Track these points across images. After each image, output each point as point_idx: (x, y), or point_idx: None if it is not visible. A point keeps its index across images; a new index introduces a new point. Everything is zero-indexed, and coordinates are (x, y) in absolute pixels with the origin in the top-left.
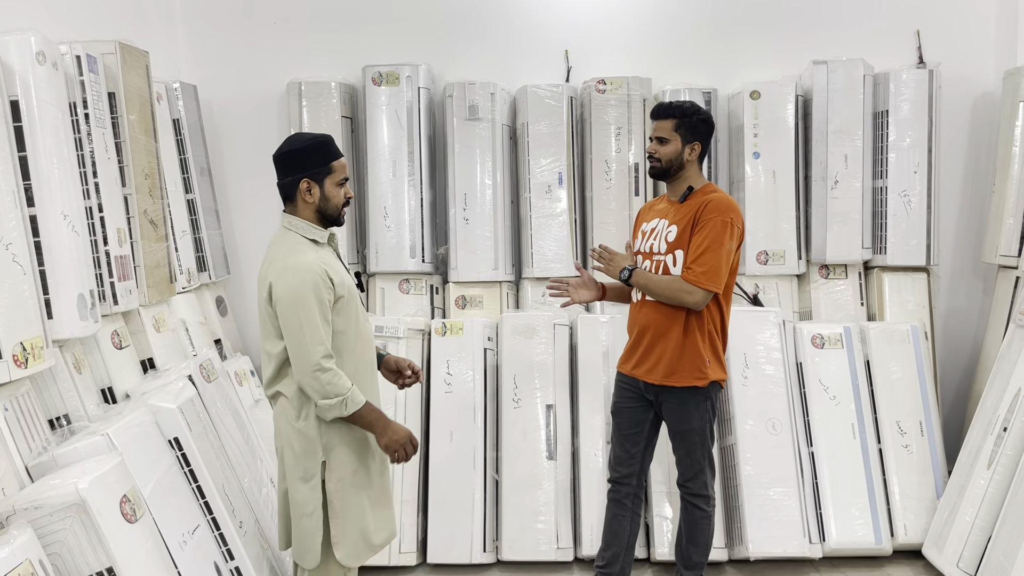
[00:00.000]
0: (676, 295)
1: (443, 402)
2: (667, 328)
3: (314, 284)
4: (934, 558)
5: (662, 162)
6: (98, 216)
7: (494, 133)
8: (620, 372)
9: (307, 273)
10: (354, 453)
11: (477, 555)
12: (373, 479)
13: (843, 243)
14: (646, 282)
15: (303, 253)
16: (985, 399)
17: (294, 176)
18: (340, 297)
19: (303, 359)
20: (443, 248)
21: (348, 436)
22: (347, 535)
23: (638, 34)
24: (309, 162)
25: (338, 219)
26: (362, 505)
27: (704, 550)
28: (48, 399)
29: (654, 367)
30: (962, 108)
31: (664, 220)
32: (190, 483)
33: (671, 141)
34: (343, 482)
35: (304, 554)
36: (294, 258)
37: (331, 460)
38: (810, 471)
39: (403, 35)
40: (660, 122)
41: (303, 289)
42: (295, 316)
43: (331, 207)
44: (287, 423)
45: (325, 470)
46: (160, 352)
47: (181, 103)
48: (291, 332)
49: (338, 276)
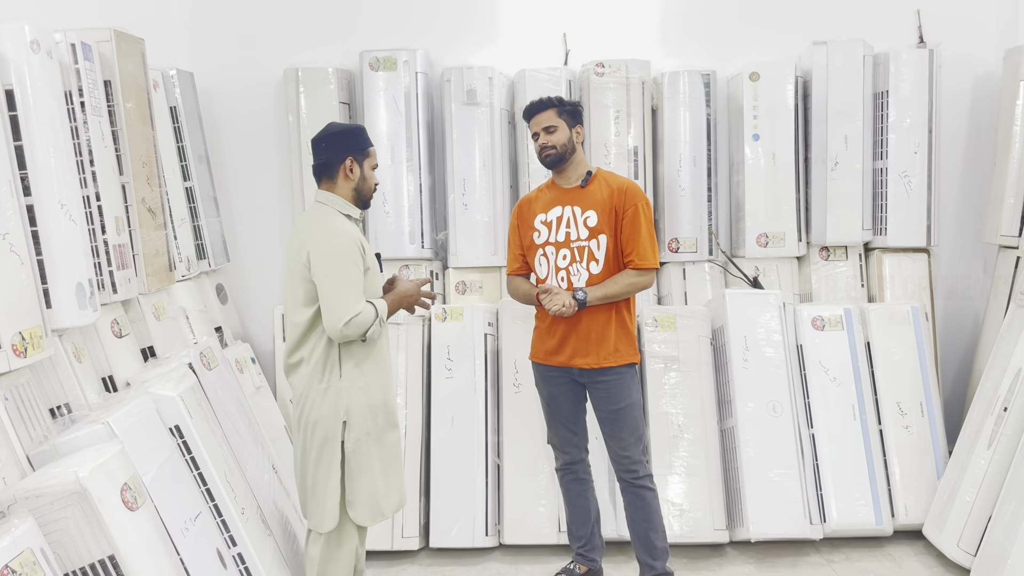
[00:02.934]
0: (635, 286)
1: (444, 387)
2: (601, 318)
3: (352, 249)
4: (935, 538)
5: (557, 148)
6: (96, 205)
7: (492, 118)
8: (547, 365)
9: (348, 239)
10: (371, 414)
11: (479, 539)
12: (386, 443)
13: (843, 225)
14: (603, 293)
15: (342, 223)
16: (985, 379)
17: (340, 155)
18: (368, 268)
19: (338, 315)
20: (442, 234)
21: (366, 399)
22: (360, 494)
23: (636, 17)
24: (354, 143)
25: (368, 202)
26: (373, 467)
27: (664, 532)
28: (48, 388)
29: (591, 353)
30: (962, 88)
31: (571, 207)
32: (192, 470)
33: (558, 128)
34: (359, 442)
35: (322, 518)
36: (335, 226)
37: (351, 420)
38: (811, 453)
39: (400, 20)
40: (540, 115)
41: (344, 253)
42: (333, 278)
43: (366, 188)
44: (309, 387)
45: (345, 430)
46: (160, 340)
47: (178, 90)
48: (328, 292)
49: (368, 251)
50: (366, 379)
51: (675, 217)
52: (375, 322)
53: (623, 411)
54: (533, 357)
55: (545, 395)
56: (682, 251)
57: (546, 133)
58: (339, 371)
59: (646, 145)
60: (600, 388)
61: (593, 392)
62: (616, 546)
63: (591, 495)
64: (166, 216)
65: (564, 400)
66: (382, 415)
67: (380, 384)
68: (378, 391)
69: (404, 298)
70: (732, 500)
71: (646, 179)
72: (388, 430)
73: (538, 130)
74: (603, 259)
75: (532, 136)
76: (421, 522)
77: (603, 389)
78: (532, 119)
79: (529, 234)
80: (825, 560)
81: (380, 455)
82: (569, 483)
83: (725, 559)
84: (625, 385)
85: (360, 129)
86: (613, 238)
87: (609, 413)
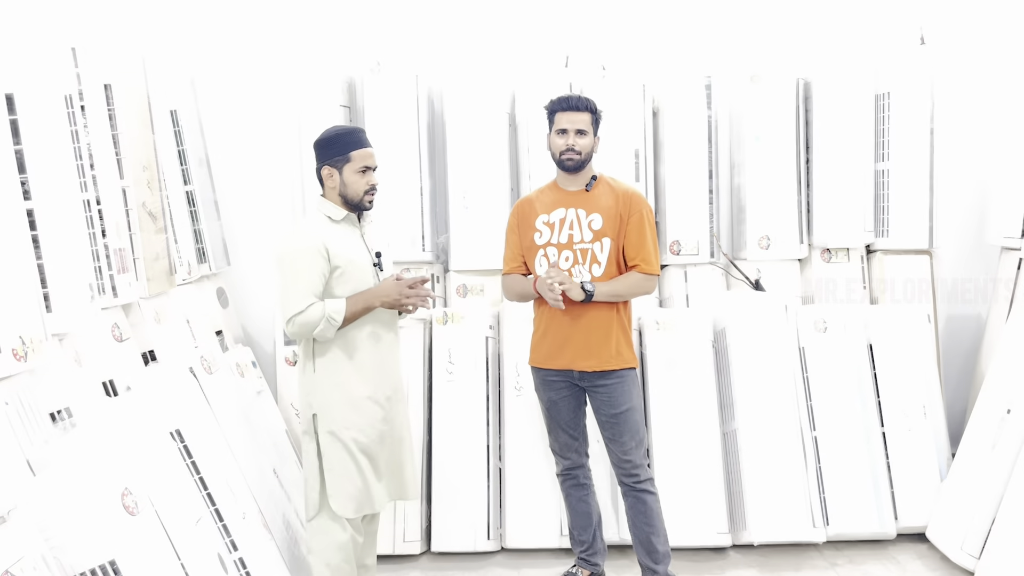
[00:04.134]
0: (640, 289)
1: (445, 391)
2: (603, 318)
3: (307, 248)
4: (938, 541)
5: (582, 155)
6: (96, 209)
7: (493, 120)
8: (547, 369)
9: (304, 238)
10: (346, 411)
11: (481, 543)
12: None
13: (845, 226)
14: (610, 290)
15: (309, 224)
16: (988, 381)
17: (318, 163)
18: (336, 267)
19: (283, 312)
20: (443, 237)
21: (341, 395)
22: (336, 486)
23: (638, 18)
24: (330, 151)
25: (361, 204)
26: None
27: (666, 536)
28: (49, 392)
29: (593, 356)
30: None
31: (575, 209)
32: (192, 475)
33: (588, 134)
34: (332, 435)
35: (307, 505)
36: (300, 227)
37: (320, 414)
38: (813, 456)
39: (401, 23)
40: (579, 115)
41: (296, 252)
42: (282, 274)
43: (351, 192)
44: (299, 377)
45: (316, 422)
46: (161, 344)
47: (178, 94)
48: (278, 288)
49: (338, 248)
50: (343, 375)
51: (676, 219)
52: (322, 321)
53: (624, 415)
54: (533, 362)
55: (545, 400)
56: (683, 253)
57: (578, 135)
58: (312, 364)
59: (647, 147)
60: (601, 392)
61: (593, 396)
62: (618, 550)
63: (592, 499)
64: (167, 220)
65: (564, 405)
66: (364, 413)
67: (363, 381)
68: (360, 388)
69: (378, 297)
70: (734, 503)
71: (647, 181)
72: (374, 427)
73: (569, 128)
74: (605, 262)
75: (558, 131)
76: (423, 526)
77: (604, 393)
78: (565, 114)
79: (529, 235)
80: (828, 563)
81: (362, 451)
82: (570, 488)
83: (728, 563)
84: (626, 388)
85: (340, 134)
86: (616, 242)
87: (610, 417)
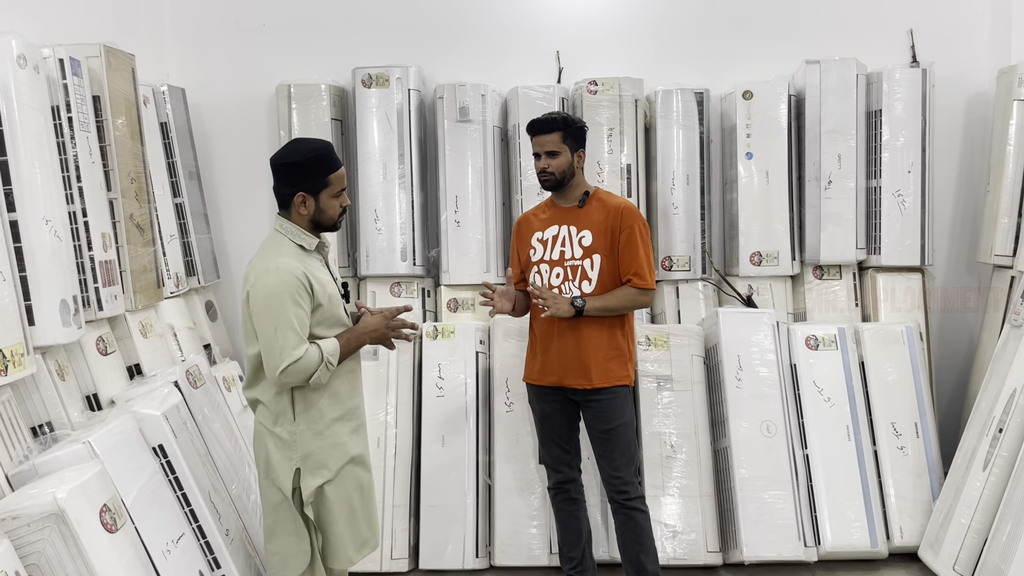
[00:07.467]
0: (634, 303)
1: (435, 406)
2: (595, 335)
3: (292, 288)
4: (930, 561)
5: (556, 175)
6: (82, 221)
7: (485, 135)
8: (541, 385)
9: (286, 276)
10: (329, 461)
11: (470, 560)
12: (351, 493)
13: (837, 243)
14: (603, 304)
15: (286, 257)
16: (980, 400)
17: (291, 188)
18: (319, 306)
19: (275, 361)
20: (434, 251)
21: (321, 444)
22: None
23: (630, 34)
24: (307, 178)
25: (334, 226)
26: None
27: (655, 555)
28: (30, 407)
29: (583, 374)
30: (956, 107)
31: (567, 226)
32: (175, 491)
33: (561, 153)
34: (334, 485)
35: (282, 567)
36: (276, 261)
37: (305, 466)
38: (805, 474)
39: (393, 37)
40: (544, 136)
41: (280, 293)
42: (269, 320)
43: (326, 218)
44: (264, 429)
45: (299, 477)
46: (147, 358)
47: (169, 106)
48: (264, 335)
49: (319, 284)
50: (325, 421)
51: (668, 235)
52: (320, 366)
53: (615, 431)
54: (527, 378)
55: (538, 412)
56: (675, 269)
57: (548, 157)
58: (291, 414)
59: (639, 163)
60: (593, 407)
61: (586, 411)
62: (608, 568)
63: (583, 515)
64: (155, 232)
65: (558, 418)
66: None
67: (346, 425)
68: (344, 433)
69: (366, 334)
70: (725, 522)
71: (639, 197)
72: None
73: (540, 151)
74: (596, 279)
75: (534, 154)
76: (411, 543)
77: (596, 408)
78: (536, 138)
79: (526, 251)
80: None
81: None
82: (561, 502)
83: None
84: (617, 405)
85: (317, 158)
86: (607, 258)
87: (601, 433)
